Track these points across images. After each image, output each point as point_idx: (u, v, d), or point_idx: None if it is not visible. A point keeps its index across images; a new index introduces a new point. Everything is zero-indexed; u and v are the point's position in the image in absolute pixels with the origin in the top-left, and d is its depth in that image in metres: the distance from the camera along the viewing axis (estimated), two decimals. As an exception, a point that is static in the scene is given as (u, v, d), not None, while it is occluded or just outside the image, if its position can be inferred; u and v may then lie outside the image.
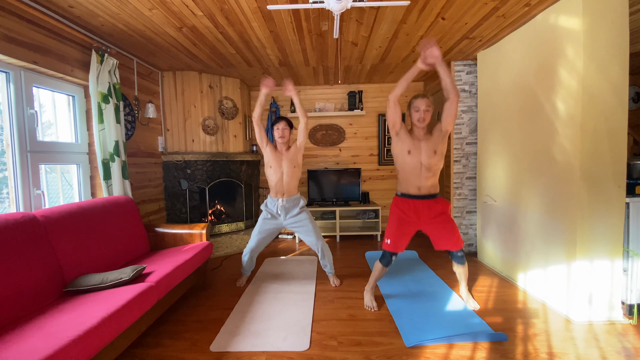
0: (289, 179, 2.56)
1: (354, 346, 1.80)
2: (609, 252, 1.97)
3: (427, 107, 2.07)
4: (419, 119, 2.07)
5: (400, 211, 2.18)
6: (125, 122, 2.86)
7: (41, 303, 1.57)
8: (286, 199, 2.57)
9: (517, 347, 1.75)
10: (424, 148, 2.09)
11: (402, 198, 2.20)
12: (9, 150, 1.94)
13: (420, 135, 2.13)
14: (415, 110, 2.09)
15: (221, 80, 3.80)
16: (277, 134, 2.55)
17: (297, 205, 2.60)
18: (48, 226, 1.75)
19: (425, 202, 2.14)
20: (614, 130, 1.93)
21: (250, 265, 2.72)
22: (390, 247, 2.17)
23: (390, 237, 2.17)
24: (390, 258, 2.20)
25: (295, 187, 2.62)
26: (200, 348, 1.81)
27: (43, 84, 2.16)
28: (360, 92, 4.35)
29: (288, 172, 2.55)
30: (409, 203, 2.16)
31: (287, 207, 2.58)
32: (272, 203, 2.61)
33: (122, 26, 2.36)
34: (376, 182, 4.56)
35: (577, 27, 1.94)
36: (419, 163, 2.10)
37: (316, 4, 1.86)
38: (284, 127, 2.55)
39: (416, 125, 2.12)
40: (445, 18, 2.37)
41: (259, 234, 2.62)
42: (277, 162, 2.55)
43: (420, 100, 2.08)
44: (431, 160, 2.09)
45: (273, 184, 2.59)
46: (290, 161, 2.55)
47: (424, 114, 2.06)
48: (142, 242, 2.45)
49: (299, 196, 2.66)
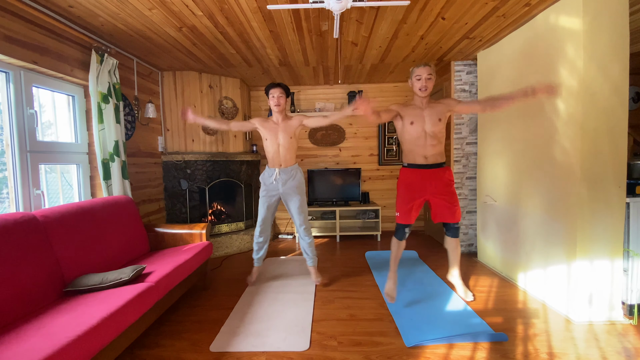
0: (285, 150, 2.50)
1: (354, 346, 1.80)
2: (609, 252, 1.97)
3: (429, 75, 2.03)
4: (422, 87, 2.04)
5: (408, 182, 2.17)
6: (125, 122, 2.86)
7: (41, 303, 1.57)
8: (283, 168, 2.53)
9: (517, 347, 1.75)
10: (427, 116, 2.06)
11: (408, 168, 2.18)
12: (8, 150, 1.93)
13: (422, 103, 2.10)
14: (417, 79, 2.05)
15: (221, 80, 3.80)
16: (272, 102, 2.46)
17: (295, 178, 2.55)
18: (48, 226, 1.75)
19: (432, 171, 2.13)
20: (614, 130, 1.93)
21: (264, 247, 2.67)
22: (400, 219, 2.18)
23: (400, 209, 2.18)
24: (403, 230, 2.20)
25: (292, 158, 2.56)
26: (200, 348, 1.81)
27: (43, 84, 2.16)
28: (360, 92, 4.35)
29: (284, 143, 2.49)
30: (416, 173, 2.15)
31: (284, 178, 2.53)
32: (269, 173, 2.57)
33: (122, 26, 2.35)
34: (376, 182, 4.56)
35: (577, 27, 1.93)
36: (422, 132, 2.07)
37: (316, 4, 1.86)
38: (279, 95, 2.46)
39: (418, 94, 2.08)
40: (445, 18, 2.37)
41: (263, 206, 2.59)
42: (272, 133, 2.49)
43: (422, 69, 2.03)
44: (435, 128, 2.05)
45: (270, 155, 2.54)
46: (287, 132, 2.49)
47: (426, 82, 2.03)
48: (142, 242, 2.45)
49: (297, 166, 2.60)
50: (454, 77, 3.38)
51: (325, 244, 3.96)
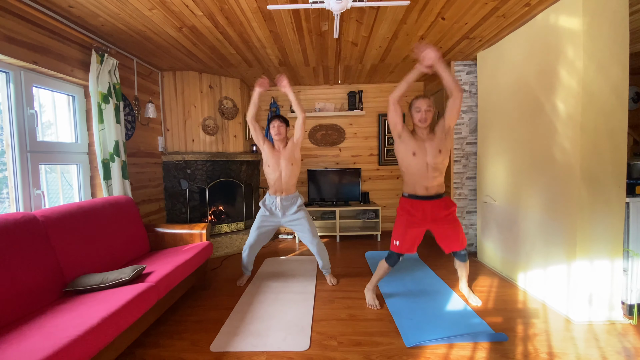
0: (287, 178, 2.56)
1: (354, 346, 1.80)
2: (609, 252, 1.97)
3: (429, 107, 2.07)
4: (421, 119, 2.08)
5: (408, 213, 2.17)
6: (125, 122, 2.86)
7: (41, 303, 1.57)
8: (284, 196, 2.58)
9: (517, 347, 1.75)
10: (428, 148, 2.08)
11: (409, 199, 2.19)
12: (9, 150, 1.94)
13: (423, 135, 2.13)
14: (416, 111, 2.09)
15: (221, 80, 3.80)
16: (273, 132, 2.56)
17: (295, 204, 2.61)
18: (48, 226, 1.75)
19: (433, 202, 2.14)
20: (614, 130, 1.93)
21: (250, 262, 2.73)
22: (398, 248, 2.16)
23: (399, 238, 2.16)
24: (397, 259, 2.20)
25: (293, 186, 2.62)
26: (200, 348, 1.81)
27: (43, 84, 2.16)
28: (360, 92, 4.35)
29: (286, 170, 2.55)
30: (416, 204, 2.15)
31: (285, 205, 2.58)
32: (270, 200, 2.62)
33: (122, 26, 2.36)
34: (376, 182, 4.56)
35: (577, 27, 1.94)
36: (424, 164, 2.09)
37: (316, 4, 1.86)
38: (279, 125, 2.55)
39: (418, 125, 2.12)
40: (445, 18, 2.37)
41: (257, 229, 2.63)
42: (274, 160, 2.55)
43: (421, 101, 2.08)
44: (437, 160, 2.08)
45: (272, 182, 2.59)
46: (287, 159, 2.55)
47: (426, 114, 2.07)
48: (142, 242, 2.45)
49: (297, 194, 2.67)
50: (454, 74, 3.37)
51: (326, 244, 3.97)
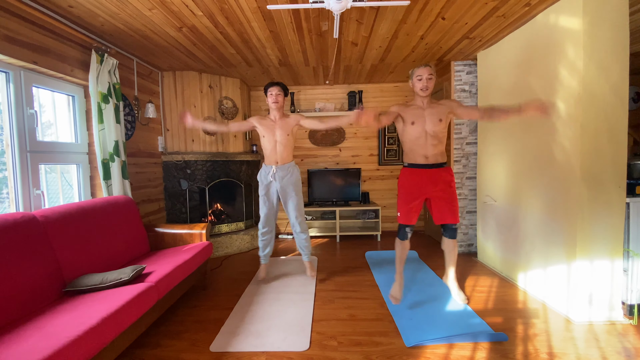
0: (282, 147, 2.54)
1: (354, 346, 1.80)
2: (609, 252, 1.97)
3: (430, 75, 2.05)
4: (422, 87, 2.06)
5: (408, 183, 2.18)
6: (125, 122, 2.86)
7: (41, 303, 1.57)
8: (280, 165, 2.56)
9: (517, 347, 1.75)
10: (428, 117, 2.07)
11: (409, 168, 2.19)
12: (8, 150, 1.93)
13: (423, 103, 2.11)
14: (418, 79, 2.07)
15: (221, 80, 3.80)
16: (271, 99, 2.52)
17: (292, 174, 2.58)
18: (48, 226, 1.75)
19: (433, 171, 2.14)
20: (614, 130, 1.93)
21: (268, 245, 2.72)
22: (401, 219, 2.19)
23: (401, 209, 2.19)
24: (405, 230, 2.22)
25: (289, 155, 2.60)
26: (200, 348, 1.81)
27: (43, 84, 2.16)
28: (360, 92, 4.35)
29: (282, 140, 2.52)
30: (416, 173, 2.16)
31: (280, 174, 2.56)
32: (265, 170, 2.61)
33: (122, 26, 2.35)
34: (376, 182, 4.56)
35: (577, 27, 1.93)
36: (423, 131, 2.09)
37: (316, 4, 1.86)
38: (277, 93, 2.51)
39: (419, 94, 2.10)
40: (445, 18, 2.37)
41: (264, 203, 2.62)
42: (269, 130, 2.53)
43: (422, 69, 2.06)
44: (436, 128, 2.07)
45: (267, 153, 2.57)
46: (284, 130, 2.52)
47: (427, 81, 2.05)
48: (142, 242, 2.45)
49: (293, 164, 2.64)
50: (454, 77, 3.38)
51: (325, 244, 3.96)
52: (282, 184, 2.57)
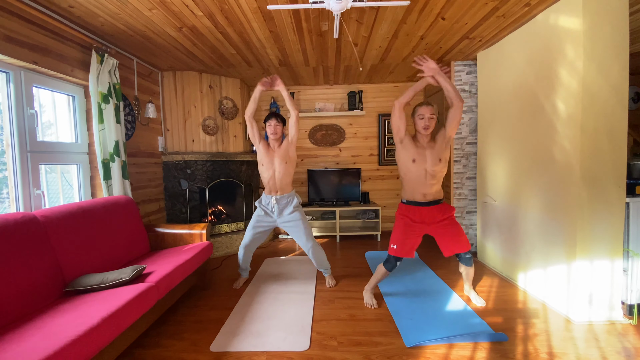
0: (281, 176, 2.53)
1: (354, 346, 1.80)
2: (609, 252, 1.97)
3: (432, 115, 2.08)
4: (424, 126, 2.09)
5: (407, 217, 2.18)
6: (125, 122, 2.86)
7: (41, 303, 1.57)
8: (279, 196, 2.55)
9: (517, 347, 1.75)
10: (428, 156, 2.10)
11: (408, 205, 2.20)
12: (9, 150, 1.94)
13: (424, 142, 2.15)
14: (419, 118, 2.11)
15: (221, 80, 3.80)
16: (270, 130, 2.53)
17: (291, 204, 2.58)
18: (48, 226, 1.75)
19: (431, 208, 2.16)
20: (614, 130, 1.93)
21: (246, 263, 2.70)
22: (396, 252, 2.17)
23: (397, 243, 2.17)
24: (395, 263, 2.21)
25: (288, 184, 2.59)
26: (200, 348, 1.81)
27: (43, 84, 2.16)
28: (360, 92, 4.35)
29: (280, 169, 2.52)
30: (415, 210, 2.17)
31: (280, 205, 2.56)
32: (266, 200, 2.60)
33: (122, 26, 2.36)
34: (376, 182, 4.56)
35: (577, 27, 1.93)
36: (423, 171, 2.11)
37: (316, 4, 1.86)
38: (275, 124, 2.52)
39: (420, 132, 2.13)
40: (445, 18, 2.37)
41: (253, 229, 2.60)
42: (268, 159, 2.53)
43: (424, 108, 2.09)
44: (436, 168, 2.10)
45: (266, 181, 2.56)
46: (282, 158, 2.52)
47: (429, 121, 2.08)
48: (142, 242, 2.45)
49: (293, 193, 2.63)
50: (454, 77, 3.38)
51: (325, 244, 3.97)
52: (282, 218, 2.57)
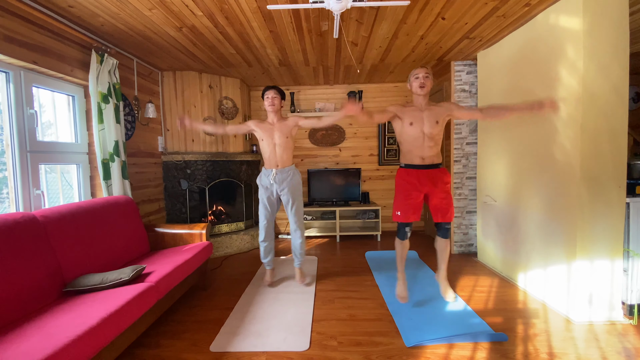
0: (281, 150, 2.52)
1: (354, 346, 1.80)
2: (609, 252, 1.97)
3: (426, 74, 2.10)
4: (420, 84, 2.10)
5: (405, 181, 2.20)
6: (125, 122, 2.86)
7: (41, 303, 1.57)
8: (280, 169, 2.53)
9: (517, 347, 1.75)
10: (426, 118, 2.10)
11: (406, 169, 2.22)
12: (8, 150, 1.93)
13: (421, 104, 2.14)
14: (415, 78, 2.12)
15: (221, 80, 3.80)
16: (267, 102, 2.50)
17: (292, 178, 2.56)
18: (48, 226, 1.75)
19: (429, 171, 2.17)
20: (614, 130, 1.93)
21: (270, 252, 2.67)
22: (400, 217, 2.19)
23: (399, 208, 2.19)
24: (404, 229, 2.22)
25: (289, 158, 2.57)
26: (200, 348, 1.81)
27: (43, 84, 2.16)
28: (360, 92, 4.35)
29: (281, 143, 2.51)
30: (413, 173, 2.18)
31: (281, 178, 2.54)
32: (265, 174, 2.58)
33: (122, 26, 2.35)
34: (376, 182, 4.56)
35: (577, 27, 1.93)
36: (421, 133, 2.11)
37: (316, 4, 1.86)
38: (273, 96, 2.50)
39: (417, 92, 2.13)
40: (445, 18, 2.37)
41: (264, 209, 2.60)
42: (268, 133, 2.51)
43: (419, 69, 2.12)
44: (433, 130, 2.10)
45: (266, 156, 2.55)
46: (282, 132, 2.51)
47: (424, 79, 2.09)
48: (142, 242, 2.45)
49: (294, 167, 2.61)
50: (454, 77, 3.38)
51: (325, 244, 3.96)
52: (283, 188, 2.55)
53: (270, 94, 2.50)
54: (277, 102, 2.51)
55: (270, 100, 2.49)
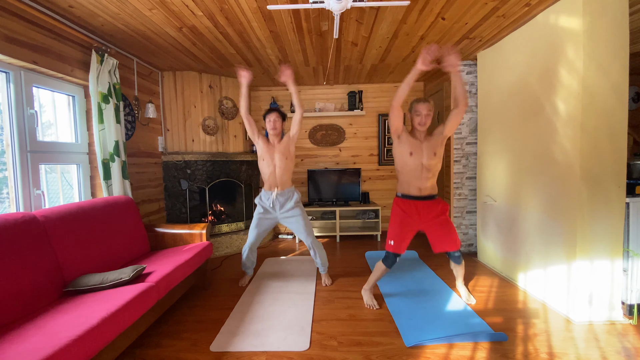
0: (281, 172, 2.53)
1: (354, 346, 1.80)
2: (609, 252, 1.97)
3: (428, 112, 2.11)
4: (420, 122, 2.12)
5: (402, 211, 2.20)
6: (125, 122, 2.86)
7: (41, 303, 1.57)
8: (280, 191, 2.55)
9: (517, 347, 1.75)
10: (425, 150, 2.13)
11: (403, 199, 2.22)
12: (9, 150, 1.94)
13: (421, 137, 2.17)
14: (416, 115, 2.14)
15: (221, 80, 3.80)
16: (269, 126, 2.52)
17: (292, 199, 2.58)
18: (48, 226, 1.75)
19: (426, 202, 2.18)
20: (614, 130, 1.93)
21: (252, 261, 2.72)
22: (393, 248, 2.18)
23: (394, 238, 2.18)
24: (394, 259, 2.21)
25: (288, 180, 2.59)
26: (200, 348, 1.81)
27: (43, 84, 2.16)
28: (360, 92, 4.35)
29: (280, 164, 2.52)
30: (410, 204, 2.19)
31: (281, 201, 2.56)
32: (265, 196, 2.60)
33: (122, 26, 2.36)
34: (376, 182, 4.56)
35: (577, 27, 1.93)
36: (420, 164, 2.13)
37: (316, 4, 1.86)
38: (275, 119, 2.51)
39: (417, 128, 2.16)
40: (445, 18, 2.37)
41: (256, 227, 2.61)
42: (269, 154, 2.53)
43: (422, 105, 2.12)
44: (431, 162, 2.13)
45: (266, 177, 2.56)
46: (282, 153, 2.52)
47: (425, 118, 2.11)
48: (142, 242, 2.45)
49: (293, 189, 2.63)
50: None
51: (325, 244, 3.96)
52: (283, 212, 2.57)
53: (272, 117, 2.51)
54: (279, 125, 2.53)
55: (272, 123, 2.51)
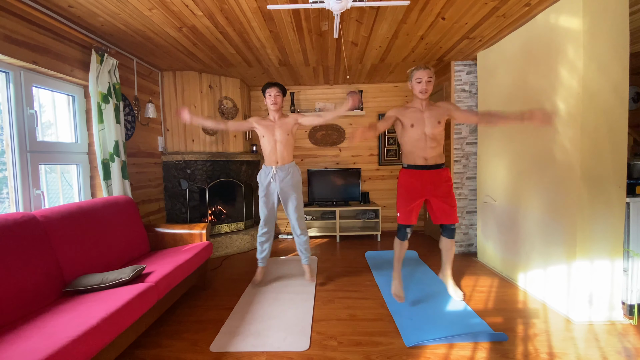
0: (282, 147, 2.52)
1: (354, 346, 1.80)
2: (609, 252, 1.97)
3: (429, 78, 2.06)
4: (421, 90, 2.07)
5: (408, 183, 2.20)
6: (125, 122, 2.86)
7: (41, 303, 1.57)
8: (280, 166, 2.54)
9: (517, 347, 1.75)
10: (427, 119, 2.09)
11: (408, 170, 2.21)
12: (8, 150, 1.93)
13: (422, 106, 2.12)
14: (417, 82, 2.07)
15: (221, 80, 3.80)
16: (269, 101, 2.50)
17: (292, 175, 2.56)
18: (48, 226, 1.75)
19: (431, 172, 2.16)
20: (614, 130, 1.93)
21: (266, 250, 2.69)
22: (402, 219, 2.20)
23: (401, 210, 2.20)
24: (405, 230, 2.22)
25: (289, 155, 2.58)
26: (200, 348, 1.81)
27: (43, 84, 2.16)
28: (360, 92, 4.35)
29: (282, 140, 2.51)
30: (416, 174, 2.17)
31: (281, 175, 2.54)
32: (265, 171, 2.59)
33: (122, 26, 2.35)
34: (376, 182, 4.56)
35: (577, 27, 1.93)
36: (423, 134, 2.10)
37: (316, 4, 1.86)
38: (276, 94, 2.50)
39: (418, 96, 2.11)
40: (445, 18, 2.37)
41: (264, 206, 2.60)
42: (269, 130, 2.52)
43: (422, 71, 2.06)
44: (435, 131, 2.09)
45: (267, 153, 2.56)
46: (283, 129, 2.51)
47: (426, 84, 2.06)
48: (142, 242, 2.45)
49: (294, 164, 2.62)
50: (454, 77, 3.38)
51: (325, 244, 3.96)
52: (282, 185, 2.55)
53: (272, 92, 2.50)
54: (279, 99, 2.52)
55: (272, 98, 2.50)
